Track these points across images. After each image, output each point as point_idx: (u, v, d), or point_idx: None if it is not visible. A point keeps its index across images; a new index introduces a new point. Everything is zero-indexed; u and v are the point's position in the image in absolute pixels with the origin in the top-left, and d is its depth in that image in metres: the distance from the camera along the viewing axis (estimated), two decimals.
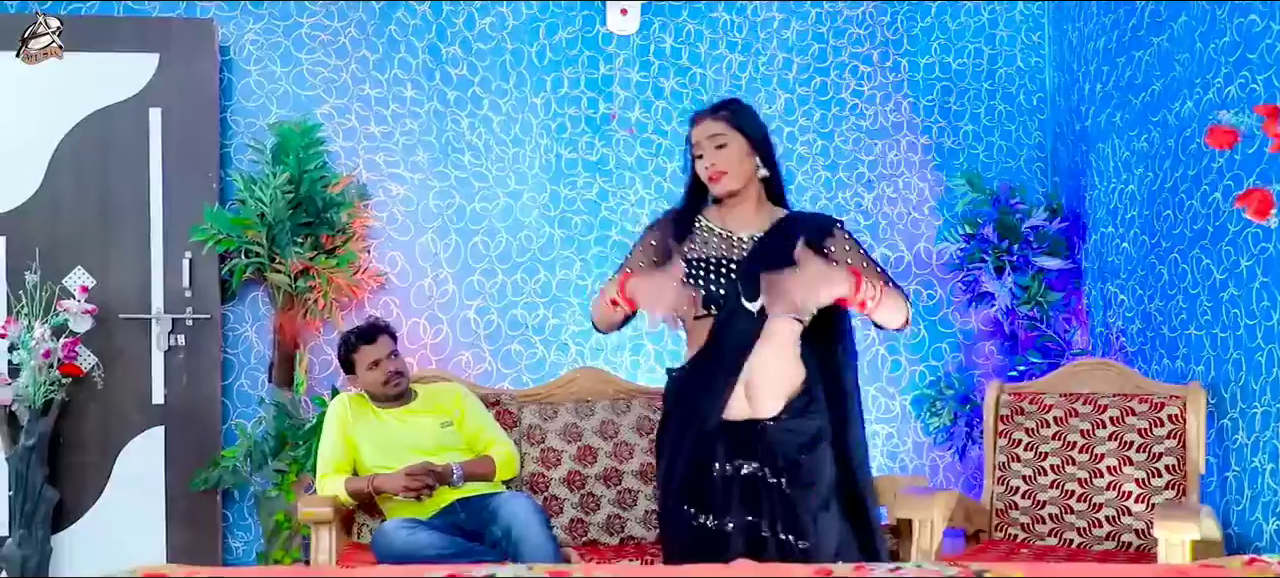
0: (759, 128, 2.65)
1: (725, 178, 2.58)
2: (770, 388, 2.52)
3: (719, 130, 2.60)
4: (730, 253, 2.57)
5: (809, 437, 2.52)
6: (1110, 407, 3.48)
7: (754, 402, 2.52)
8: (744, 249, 2.57)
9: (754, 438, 2.51)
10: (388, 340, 3.58)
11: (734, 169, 2.58)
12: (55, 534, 3.98)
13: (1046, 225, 4.41)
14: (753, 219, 2.63)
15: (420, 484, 3.33)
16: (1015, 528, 3.52)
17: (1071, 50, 4.52)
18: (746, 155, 2.60)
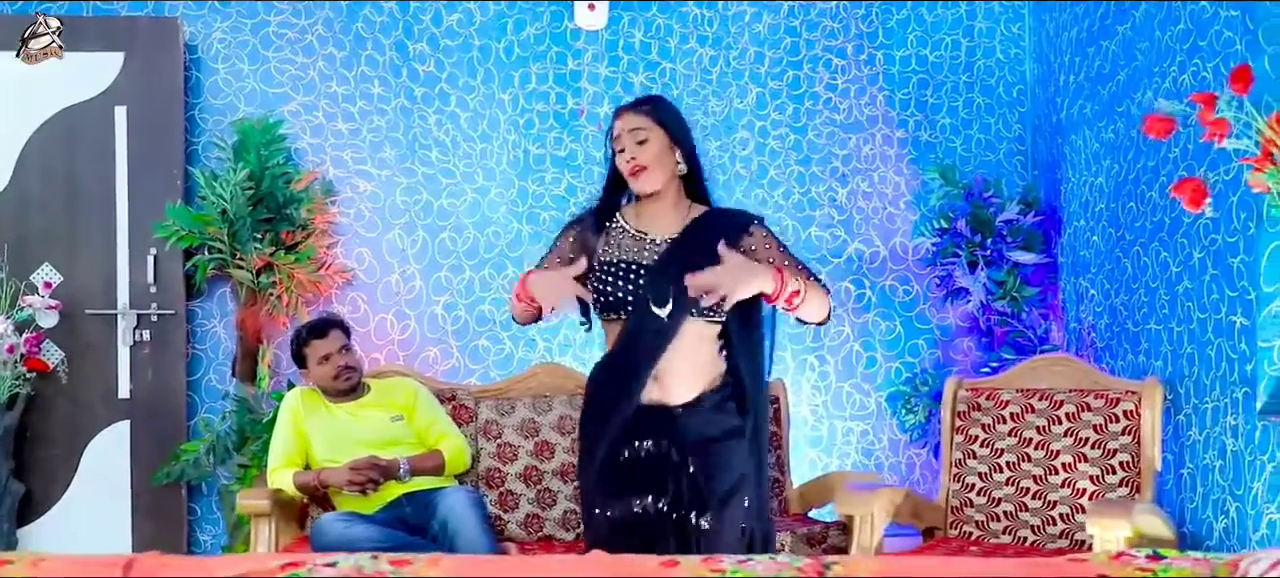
0: (681, 125, 2.62)
1: (645, 173, 2.55)
2: (683, 380, 2.52)
3: (641, 124, 2.57)
4: (640, 256, 2.54)
5: (722, 430, 2.52)
6: (1066, 403, 3.42)
7: (666, 391, 2.52)
8: (656, 251, 2.54)
9: (665, 422, 2.51)
10: (339, 335, 3.59)
11: (654, 165, 2.55)
12: (22, 528, 4.03)
13: (1020, 219, 4.34)
14: (668, 218, 2.59)
15: (364, 478, 3.33)
16: (969, 526, 3.46)
17: (1048, 41, 4.45)
18: (667, 151, 2.57)
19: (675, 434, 2.49)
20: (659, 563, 1.56)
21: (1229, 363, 2.92)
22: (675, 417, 2.50)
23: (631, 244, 2.57)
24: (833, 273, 4.62)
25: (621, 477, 2.50)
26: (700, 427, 2.49)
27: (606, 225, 2.60)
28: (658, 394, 2.51)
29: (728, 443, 2.51)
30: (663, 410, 2.51)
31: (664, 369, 2.49)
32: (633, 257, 2.54)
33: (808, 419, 4.59)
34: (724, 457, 2.50)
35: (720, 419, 2.51)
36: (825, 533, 3.48)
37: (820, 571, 1.53)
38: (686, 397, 2.51)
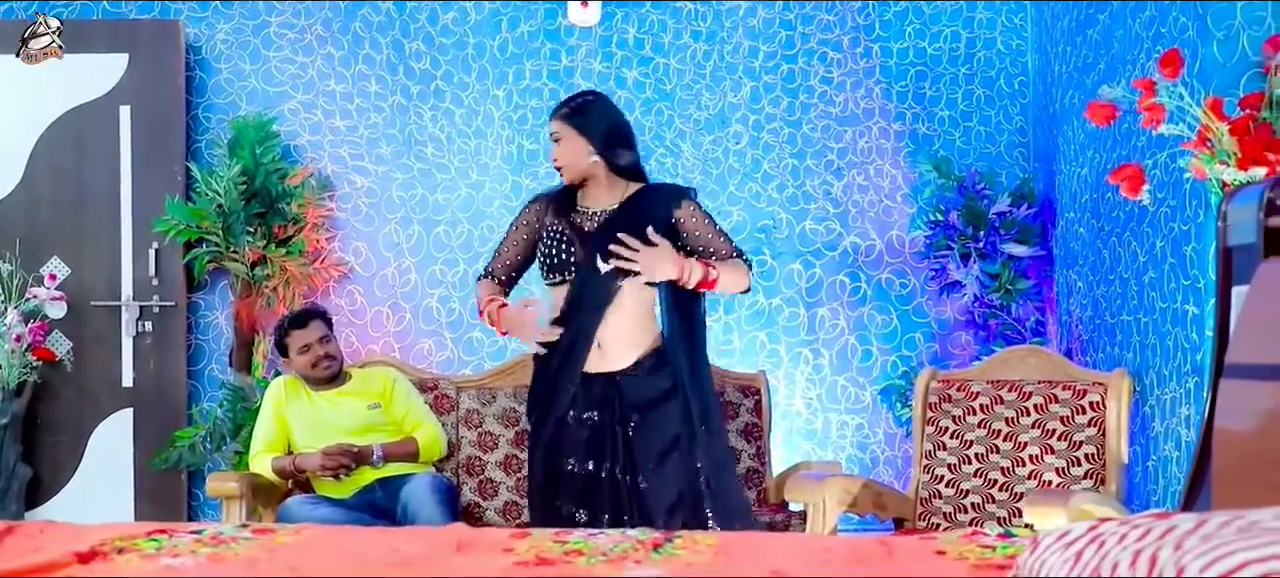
0: (599, 125, 2.94)
1: (563, 169, 2.97)
2: (623, 345, 2.86)
3: (554, 128, 2.99)
4: (585, 226, 2.93)
5: (658, 392, 2.83)
6: (1035, 394, 3.38)
7: (607, 357, 2.85)
8: (598, 221, 2.93)
9: (606, 389, 2.83)
10: (320, 325, 3.69)
11: (568, 161, 2.95)
12: (31, 511, 4.21)
13: (1013, 211, 4.29)
14: (605, 197, 2.97)
15: (337, 464, 3.43)
16: (937, 517, 3.44)
17: (1046, 31, 4.39)
18: (580, 149, 2.93)
19: (617, 400, 2.81)
20: (509, 534, 1.61)
21: (1183, 353, 2.88)
22: (617, 383, 2.83)
23: (579, 218, 2.95)
24: (827, 266, 4.62)
25: (567, 441, 2.83)
26: (638, 390, 2.82)
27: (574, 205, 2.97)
28: (600, 362, 2.84)
29: (663, 405, 2.83)
30: (605, 378, 2.84)
31: (605, 337, 2.84)
32: (576, 226, 2.92)
33: (801, 412, 4.59)
34: (659, 418, 2.82)
35: (655, 381, 2.84)
36: (787, 522, 3.49)
37: (660, 541, 1.56)
38: (625, 362, 2.85)
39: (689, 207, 2.93)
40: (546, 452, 2.87)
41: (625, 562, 1.44)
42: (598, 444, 2.81)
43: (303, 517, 3.25)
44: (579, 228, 2.91)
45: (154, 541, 1.53)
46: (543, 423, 2.91)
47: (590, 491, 2.79)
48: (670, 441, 2.81)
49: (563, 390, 2.86)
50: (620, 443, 2.80)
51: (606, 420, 2.82)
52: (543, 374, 2.93)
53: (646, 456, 2.79)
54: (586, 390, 2.84)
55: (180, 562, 1.42)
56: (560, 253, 2.90)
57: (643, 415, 2.81)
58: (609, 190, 2.96)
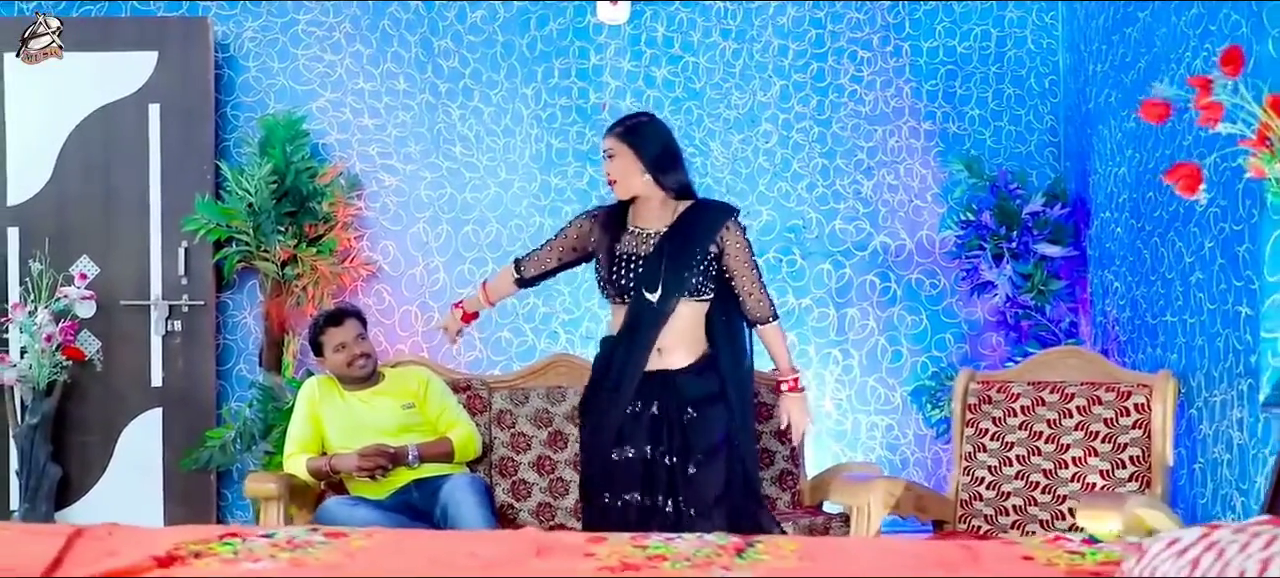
0: (653, 145, 3.05)
1: (615, 185, 3.06)
2: (679, 350, 3.05)
3: (609, 145, 3.08)
4: (639, 249, 3.06)
5: (707, 392, 3.01)
6: (1077, 396, 3.34)
7: (665, 358, 3.04)
8: (650, 243, 3.05)
9: (666, 384, 3.01)
10: (355, 324, 3.66)
11: (622, 179, 3.04)
12: (61, 510, 4.19)
13: (1046, 211, 4.26)
14: (657, 215, 3.08)
15: (373, 465, 3.40)
16: (978, 519, 3.41)
17: (1079, 29, 4.36)
18: (633, 168, 3.03)
19: (674, 394, 2.99)
20: (585, 539, 1.58)
21: (1235, 355, 2.85)
22: (673, 379, 3.01)
23: (631, 240, 3.08)
24: (857, 266, 4.59)
25: (627, 430, 2.99)
26: (691, 387, 3.00)
27: (624, 224, 3.09)
28: (658, 362, 3.03)
29: (713, 406, 3.01)
30: (664, 374, 3.02)
31: (665, 343, 3.03)
32: (634, 249, 3.06)
33: (831, 413, 4.57)
34: (710, 415, 2.99)
35: (705, 382, 3.03)
36: (827, 525, 3.47)
37: (741, 547, 1.53)
38: (682, 363, 3.04)
39: (734, 231, 3.07)
40: (604, 443, 3.03)
41: (711, 567, 1.41)
42: (656, 432, 2.98)
43: (341, 518, 3.22)
44: (637, 253, 3.05)
45: (228, 544, 1.51)
46: (599, 422, 3.07)
47: (647, 474, 2.96)
48: (719, 437, 2.99)
49: (616, 404, 3.02)
50: (677, 431, 2.98)
51: (664, 411, 3.01)
52: (601, 382, 3.07)
53: (698, 447, 2.97)
54: (646, 387, 3.01)
55: (260, 566, 1.40)
56: (619, 278, 3.05)
57: (696, 410, 2.99)
58: (660, 208, 3.07)
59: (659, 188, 3.03)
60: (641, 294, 2.99)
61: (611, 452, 3.00)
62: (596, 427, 3.06)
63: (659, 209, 3.06)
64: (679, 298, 2.99)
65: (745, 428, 3.08)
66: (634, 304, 3.01)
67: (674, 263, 2.97)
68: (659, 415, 3.00)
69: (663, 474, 2.96)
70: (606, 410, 3.03)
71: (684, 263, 2.97)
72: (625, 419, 3.00)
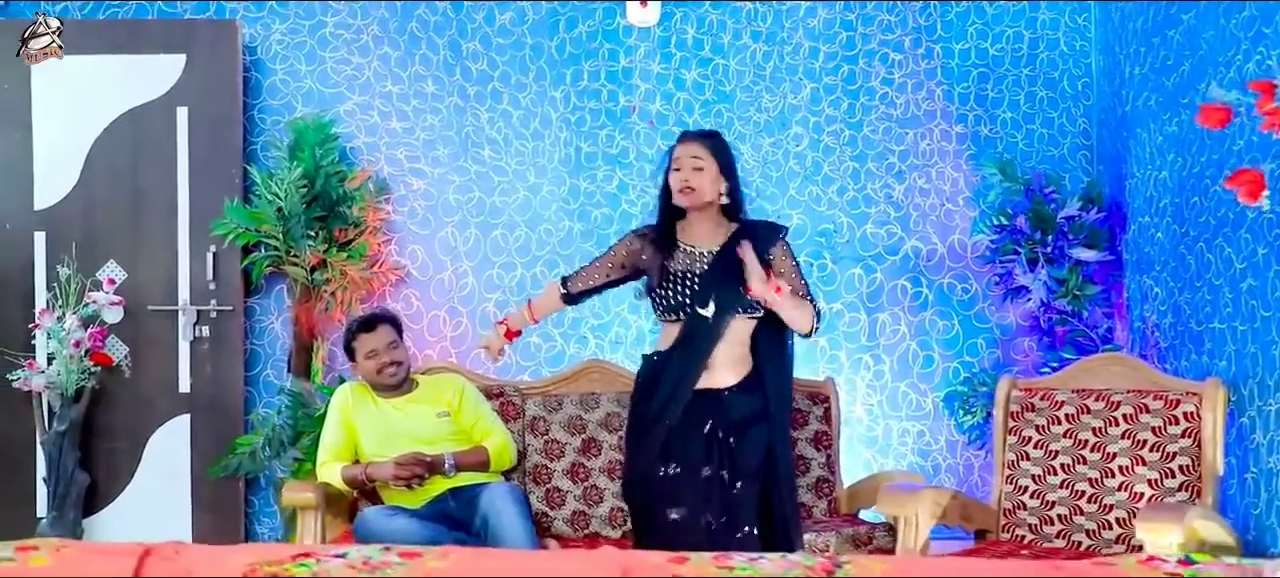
0: (730, 159, 3.12)
1: (693, 194, 3.04)
2: (727, 369, 3.05)
3: (700, 152, 3.06)
4: (694, 266, 3.08)
5: (753, 411, 3.02)
6: (1124, 404, 3.31)
7: (714, 376, 3.04)
8: (703, 262, 3.07)
9: (715, 403, 3.01)
10: (389, 330, 3.62)
11: (702, 187, 3.04)
12: (88, 517, 4.15)
13: (1082, 216, 4.22)
14: (712, 234, 3.11)
15: (410, 473, 3.36)
16: (1022, 529, 3.37)
17: (1114, 32, 4.32)
18: (716, 181, 3.05)
19: (722, 412, 2.99)
20: (667, 560, 1.54)
21: None
22: (722, 397, 3.01)
23: (684, 257, 3.09)
24: (889, 271, 4.55)
25: (679, 447, 2.97)
26: (739, 406, 3.01)
27: (674, 243, 3.10)
28: (707, 380, 3.03)
29: (756, 426, 3.02)
30: (713, 393, 3.02)
31: (713, 360, 3.03)
32: (687, 267, 3.07)
33: (862, 419, 4.52)
34: (753, 438, 3.00)
35: (750, 401, 3.03)
36: (871, 534, 3.43)
37: (830, 569, 1.49)
38: (730, 382, 3.04)
39: (782, 246, 3.12)
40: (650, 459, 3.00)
41: None
42: (708, 449, 2.97)
43: (379, 528, 3.19)
44: (691, 270, 3.06)
45: (303, 565, 1.47)
46: (645, 438, 3.05)
47: (694, 491, 2.94)
48: (760, 457, 3.01)
49: (667, 415, 3.00)
50: (726, 450, 2.98)
51: (715, 430, 3.00)
52: (646, 399, 3.06)
53: (742, 467, 2.98)
54: (695, 404, 3.01)
55: None
56: (671, 295, 3.06)
57: (742, 432, 3.00)
58: (712, 226, 3.10)
59: (726, 199, 3.07)
60: (696, 311, 3.00)
61: (658, 468, 2.98)
62: (641, 442, 3.04)
63: (711, 227, 3.10)
64: (732, 315, 3.01)
65: (784, 441, 3.10)
66: (688, 321, 3.03)
67: (727, 281, 3.00)
68: (710, 434, 2.98)
69: (714, 493, 2.94)
70: (653, 425, 3.01)
71: (738, 280, 2.98)
72: (672, 435, 2.98)
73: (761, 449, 3.00)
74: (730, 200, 3.07)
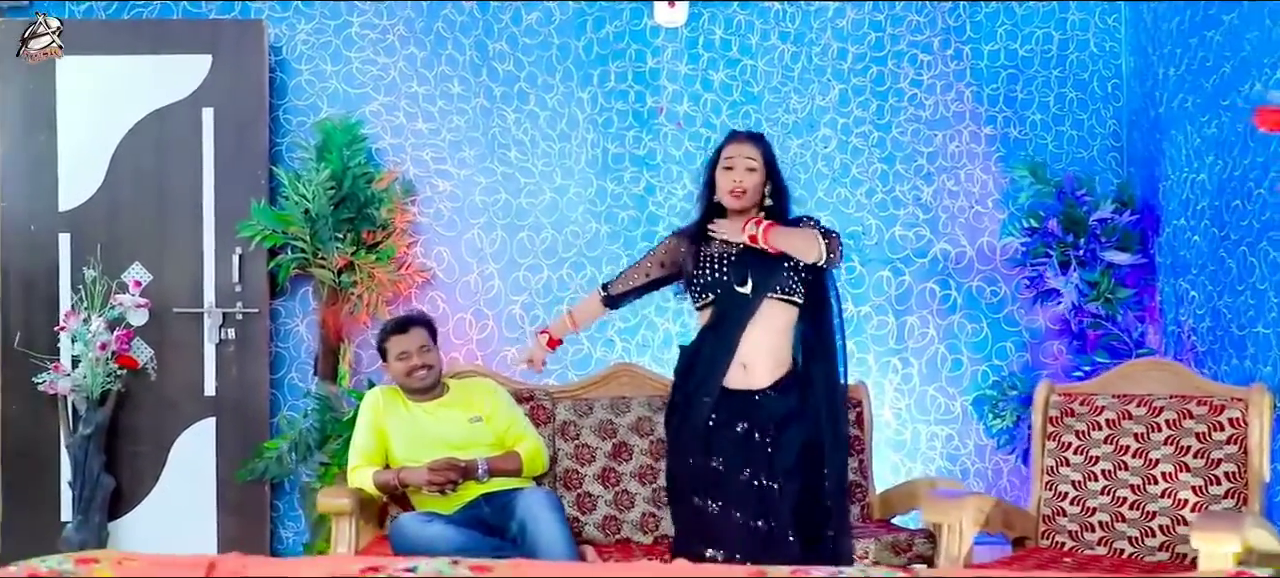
0: (776, 161, 3.14)
1: (745, 196, 3.03)
2: (765, 365, 2.99)
3: (754, 155, 3.07)
4: (729, 250, 3.06)
5: (790, 410, 2.97)
6: (1166, 409, 3.26)
7: (751, 375, 2.98)
8: (737, 248, 3.06)
9: (748, 405, 2.97)
10: (422, 333, 3.58)
11: (753, 191, 3.05)
12: (113, 521, 4.12)
13: (1115, 218, 4.18)
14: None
15: (444, 479, 3.32)
16: (1062, 536, 3.33)
17: (1146, 33, 4.28)
18: (762, 183, 3.06)
19: (757, 414, 2.94)
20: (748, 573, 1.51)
21: None
22: (757, 400, 2.96)
23: (719, 244, 3.08)
24: (917, 273, 4.51)
25: (709, 440, 2.94)
26: (776, 407, 2.96)
27: (707, 235, 3.09)
28: (744, 380, 2.97)
29: (795, 423, 2.96)
30: (747, 395, 2.97)
31: (749, 355, 2.97)
32: (721, 251, 3.06)
33: (891, 423, 4.48)
34: (792, 434, 2.95)
35: (788, 400, 2.98)
36: (911, 541, 3.39)
37: None
38: (766, 382, 2.98)
39: (808, 221, 3.10)
40: (689, 445, 2.98)
41: None
42: (746, 451, 2.93)
43: (415, 533, 3.15)
44: (723, 253, 3.05)
45: None
46: (681, 430, 3.03)
47: (734, 490, 2.91)
48: (798, 455, 2.95)
49: (698, 402, 2.98)
50: (763, 452, 2.94)
51: (751, 431, 2.95)
52: (682, 384, 3.05)
53: (779, 467, 2.94)
54: (731, 405, 2.96)
55: None
56: (706, 275, 3.04)
57: (779, 431, 2.95)
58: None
59: (769, 201, 3.07)
60: (732, 288, 2.98)
61: (695, 457, 2.95)
62: (680, 428, 3.03)
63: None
64: (767, 294, 2.97)
65: (839, 446, 3.02)
66: (722, 298, 2.99)
67: (763, 261, 2.98)
68: (747, 434, 2.94)
69: (752, 494, 2.90)
70: (690, 410, 2.99)
71: (775, 261, 2.98)
72: (711, 430, 2.95)
73: (796, 446, 2.94)
74: (774, 202, 3.06)
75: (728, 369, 2.95)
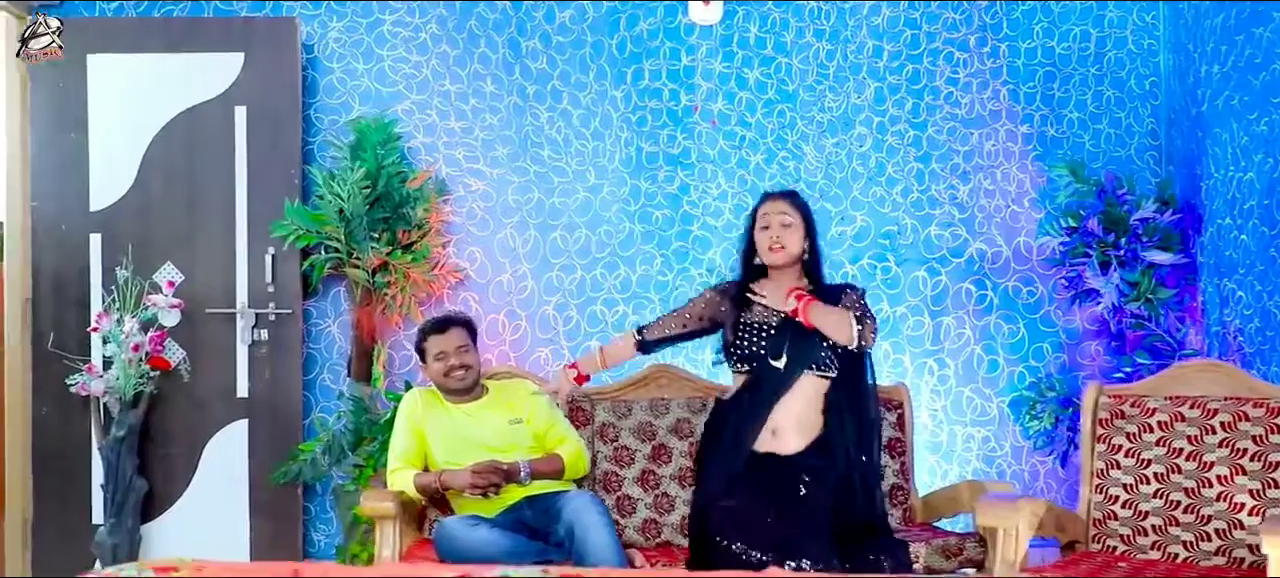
0: (812, 217, 3.24)
1: (783, 253, 3.15)
2: (793, 432, 3.08)
3: (789, 211, 3.18)
4: (769, 319, 3.15)
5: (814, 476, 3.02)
6: (1221, 411, 3.22)
7: (780, 441, 3.08)
8: (777, 318, 3.14)
9: (776, 469, 3.04)
10: (461, 333, 3.55)
11: (791, 247, 3.16)
12: (146, 523, 4.07)
13: (1157, 217, 4.13)
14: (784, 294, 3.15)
15: (487, 482, 3.28)
16: (1114, 539, 3.28)
17: (1187, 30, 4.23)
18: (802, 238, 3.18)
19: (781, 480, 3.00)
20: None
21: None
22: (782, 464, 3.04)
23: (760, 312, 3.16)
24: (953, 273, 4.47)
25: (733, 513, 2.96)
26: (799, 474, 3.01)
27: (747, 299, 3.18)
28: (772, 444, 3.07)
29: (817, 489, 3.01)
30: (773, 458, 3.05)
31: (779, 422, 3.07)
32: (760, 321, 3.15)
33: (927, 425, 4.43)
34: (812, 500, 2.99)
35: (813, 466, 3.03)
36: (961, 545, 3.34)
37: None
38: (794, 449, 3.07)
39: (851, 294, 3.18)
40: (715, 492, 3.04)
41: None
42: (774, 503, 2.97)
43: (462, 537, 3.11)
44: (765, 323, 3.14)
45: None
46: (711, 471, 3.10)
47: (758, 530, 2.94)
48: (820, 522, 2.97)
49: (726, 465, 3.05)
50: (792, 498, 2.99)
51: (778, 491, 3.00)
52: (711, 442, 3.14)
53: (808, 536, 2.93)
54: (760, 468, 3.04)
55: None
56: (743, 346, 3.14)
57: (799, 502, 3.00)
58: (793, 284, 3.17)
59: (808, 256, 3.19)
60: (767, 362, 3.07)
61: (721, 500, 2.99)
62: (708, 476, 3.09)
63: (791, 284, 3.17)
64: (804, 370, 3.08)
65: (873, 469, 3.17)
66: (758, 368, 3.09)
67: (802, 336, 3.07)
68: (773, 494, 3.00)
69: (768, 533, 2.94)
70: (720, 463, 3.05)
71: (813, 337, 3.07)
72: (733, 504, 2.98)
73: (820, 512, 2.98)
74: (812, 255, 3.18)
75: (758, 435, 3.05)
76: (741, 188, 4.44)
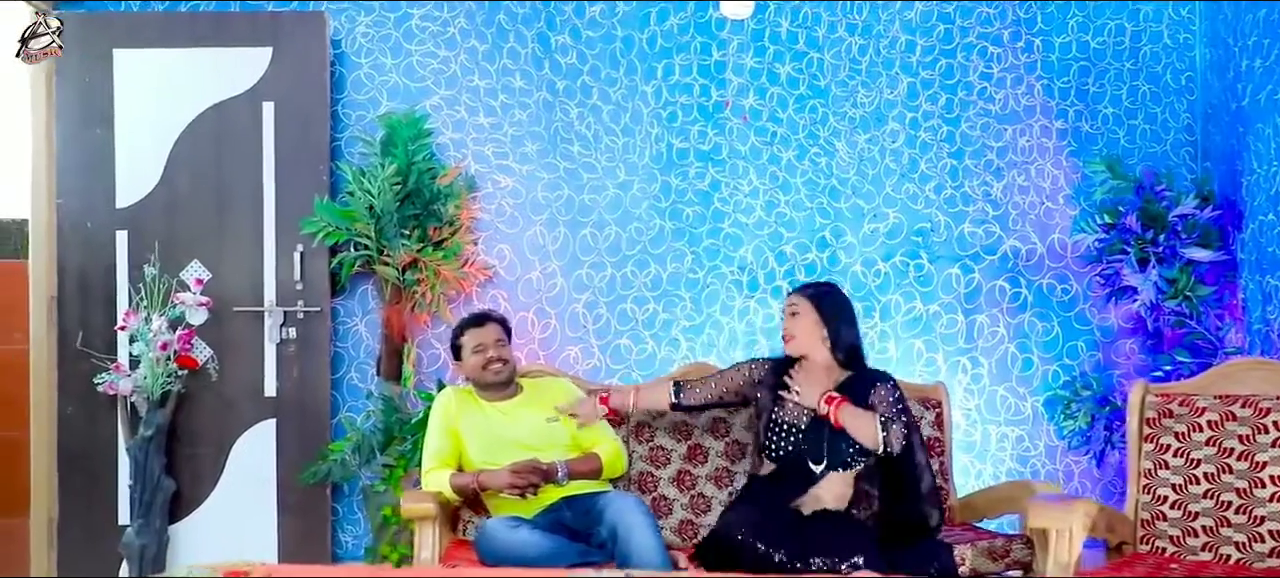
0: (835, 310, 3.29)
1: (793, 342, 3.28)
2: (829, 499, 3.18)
3: (795, 303, 3.31)
4: (798, 420, 3.24)
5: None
6: (1274, 410, 3.16)
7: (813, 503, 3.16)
8: (807, 418, 3.23)
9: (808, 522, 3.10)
10: (497, 328, 3.51)
11: (800, 337, 3.27)
12: (173, 524, 4.03)
13: (1197, 214, 4.07)
14: (820, 383, 3.24)
15: (526, 482, 3.23)
16: (1163, 541, 3.22)
17: (1226, 24, 4.17)
18: (814, 327, 3.26)
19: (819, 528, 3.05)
20: None
21: None
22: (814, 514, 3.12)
23: (792, 411, 3.24)
24: (986, 271, 4.41)
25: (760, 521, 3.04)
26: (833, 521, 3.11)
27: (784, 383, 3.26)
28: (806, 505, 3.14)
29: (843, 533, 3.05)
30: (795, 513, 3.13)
31: (808, 504, 3.15)
32: (791, 421, 3.24)
33: (960, 424, 4.38)
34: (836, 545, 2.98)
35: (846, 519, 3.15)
36: (1008, 547, 3.28)
37: None
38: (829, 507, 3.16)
39: (882, 389, 3.22)
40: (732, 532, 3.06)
41: None
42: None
43: (504, 539, 3.06)
44: (796, 423, 3.22)
45: None
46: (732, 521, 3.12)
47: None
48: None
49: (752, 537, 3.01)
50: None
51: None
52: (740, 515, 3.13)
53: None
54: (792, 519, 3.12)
55: None
56: (774, 446, 3.25)
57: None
58: (826, 376, 3.26)
59: (831, 353, 3.26)
60: (803, 463, 3.18)
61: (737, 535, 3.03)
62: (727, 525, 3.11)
63: (823, 375, 3.25)
64: (832, 470, 3.18)
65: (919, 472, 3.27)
66: (788, 466, 3.19)
67: (836, 436, 3.15)
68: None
69: None
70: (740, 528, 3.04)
71: (841, 437, 3.14)
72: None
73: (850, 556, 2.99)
74: (834, 351, 3.24)
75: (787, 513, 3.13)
76: (773, 184, 4.39)
